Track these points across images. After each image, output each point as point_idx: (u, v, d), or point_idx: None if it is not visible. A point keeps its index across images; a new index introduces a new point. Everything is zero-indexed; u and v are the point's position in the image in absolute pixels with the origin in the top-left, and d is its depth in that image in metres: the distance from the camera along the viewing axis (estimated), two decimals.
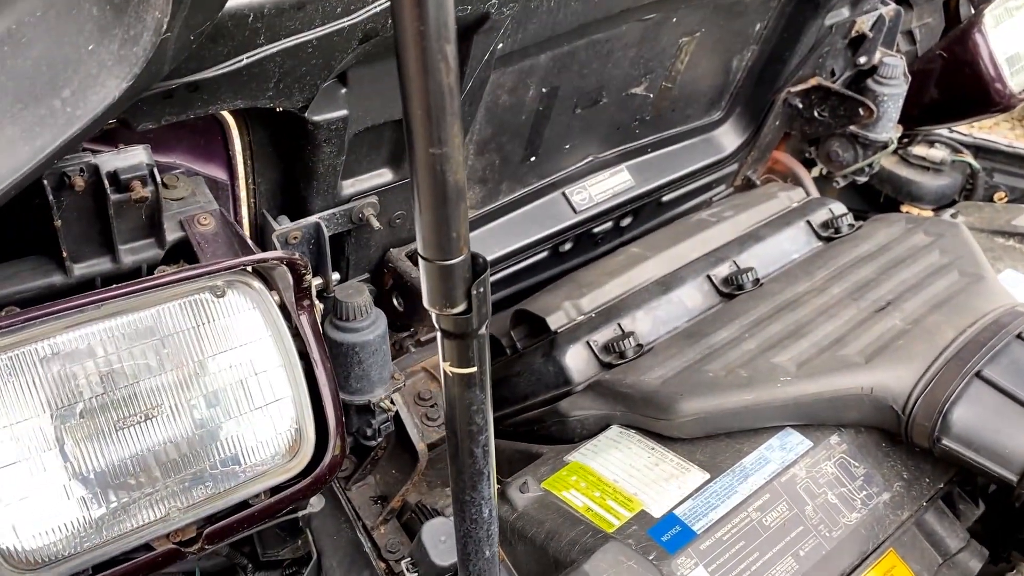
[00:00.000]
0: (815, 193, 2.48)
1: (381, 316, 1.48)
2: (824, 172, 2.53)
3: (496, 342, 1.97)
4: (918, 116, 2.52)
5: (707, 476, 1.43)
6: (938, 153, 3.00)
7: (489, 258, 1.92)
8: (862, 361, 1.48)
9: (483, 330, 0.85)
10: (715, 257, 1.93)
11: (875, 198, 3.16)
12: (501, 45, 1.45)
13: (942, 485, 1.49)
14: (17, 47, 0.78)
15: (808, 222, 2.05)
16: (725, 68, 2.16)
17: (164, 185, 1.21)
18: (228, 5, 0.90)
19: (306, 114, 1.21)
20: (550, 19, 1.50)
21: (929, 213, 2.98)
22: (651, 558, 1.28)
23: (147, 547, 1.12)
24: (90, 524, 1.07)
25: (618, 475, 1.45)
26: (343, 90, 1.25)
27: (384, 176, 1.50)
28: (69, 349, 1.06)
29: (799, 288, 1.77)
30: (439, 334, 0.85)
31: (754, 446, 1.47)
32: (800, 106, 2.31)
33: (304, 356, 1.21)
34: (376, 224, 1.49)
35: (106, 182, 1.01)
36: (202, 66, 0.96)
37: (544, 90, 1.73)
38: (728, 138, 2.35)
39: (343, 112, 1.25)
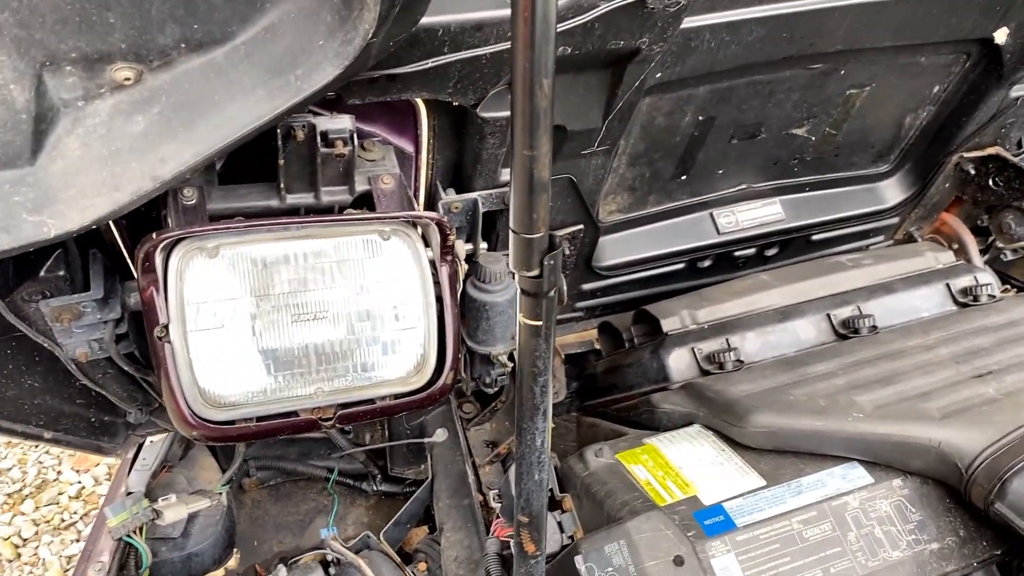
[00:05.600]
0: (978, 263, 2.46)
1: (513, 284, 1.76)
2: (994, 241, 2.50)
3: (619, 335, 2.20)
4: None
5: (763, 483, 1.58)
6: None
7: (628, 258, 2.15)
8: (938, 416, 1.56)
9: (552, 293, 1.09)
10: (841, 299, 2.03)
11: None
12: (659, 75, 1.67)
13: (999, 552, 1.54)
14: (275, 36, 1.13)
15: (948, 285, 2.08)
16: (896, 124, 2.22)
17: (363, 147, 1.57)
18: (423, 21, 1.22)
19: (477, 110, 1.51)
20: (709, 57, 1.69)
21: None
22: (689, 535, 1.47)
23: (295, 414, 1.48)
24: (262, 387, 1.44)
25: (683, 463, 1.64)
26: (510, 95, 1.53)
27: None
28: (274, 255, 1.43)
29: (910, 342, 1.85)
30: (519, 291, 1.10)
31: (816, 469, 1.60)
32: (973, 172, 2.31)
33: (439, 300, 1.52)
34: None
35: (318, 138, 1.36)
36: (399, 63, 1.28)
37: (700, 118, 1.92)
38: (892, 191, 2.40)
39: (507, 112, 1.54)
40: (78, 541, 2.99)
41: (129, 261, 1.66)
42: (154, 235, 1.31)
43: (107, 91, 1.15)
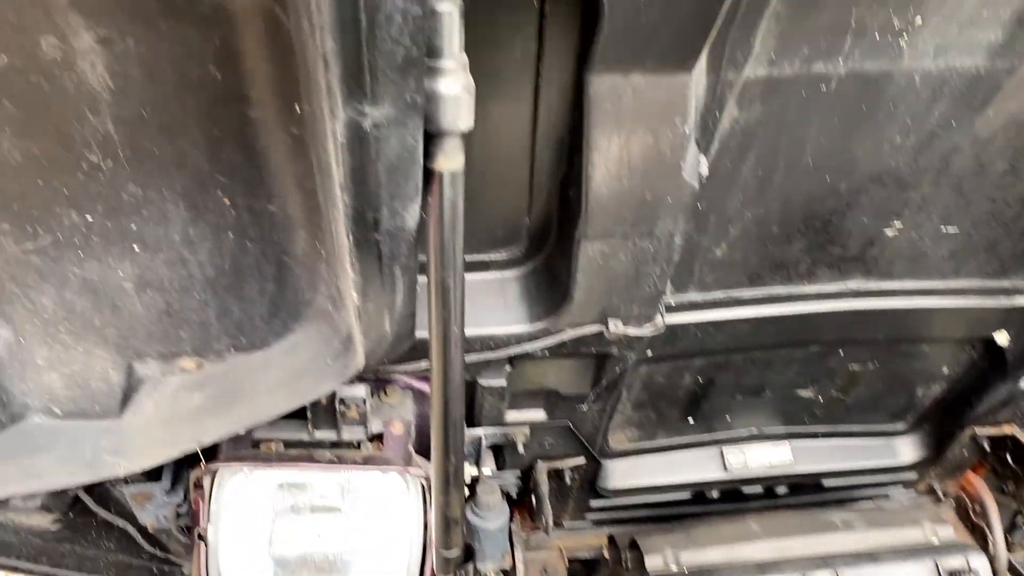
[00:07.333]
0: (998, 532, 2.47)
1: (505, 513, 2.03)
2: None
3: (619, 549, 2.40)
4: None
5: None
6: None
7: (634, 484, 2.36)
8: None
9: None
10: (822, 562, 2.15)
11: None
12: (650, 352, 1.92)
13: None
14: (297, 350, 1.50)
15: (936, 564, 2.15)
16: (908, 392, 2.32)
17: (384, 392, 1.92)
18: (416, 334, 1.55)
19: (478, 380, 1.82)
20: (698, 343, 1.92)
21: None
22: None
23: None
24: None
25: None
26: (507, 368, 1.84)
27: (539, 415, 2.05)
28: (294, 480, 1.79)
29: None
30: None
31: None
32: (989, 448, 2.36)
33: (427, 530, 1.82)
34: (521, 449, 2.05)
35: (337, 403, 1.72)
36: (401, 361, 1.62)
37: (700, 380, 2.14)
38: (908, 449, 2.47)
39: (502, 382, 1.84)
40: None
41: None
42: (202, 465, 1.70)
43: (177, 372, 1.56)
